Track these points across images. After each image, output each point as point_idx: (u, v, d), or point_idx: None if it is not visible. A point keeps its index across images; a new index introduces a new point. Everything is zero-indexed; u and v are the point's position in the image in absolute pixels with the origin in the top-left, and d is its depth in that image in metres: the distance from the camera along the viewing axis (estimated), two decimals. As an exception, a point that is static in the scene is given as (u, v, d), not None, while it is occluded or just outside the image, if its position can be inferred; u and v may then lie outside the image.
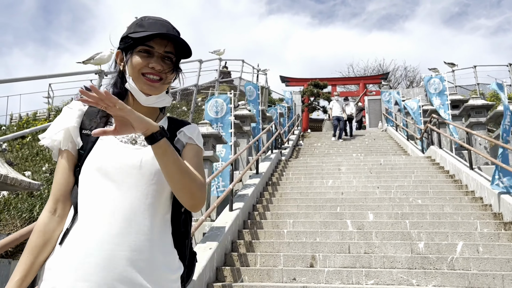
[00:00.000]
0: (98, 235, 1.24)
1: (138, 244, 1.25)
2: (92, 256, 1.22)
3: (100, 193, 1.28)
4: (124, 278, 1.22)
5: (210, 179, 5.69)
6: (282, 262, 5.07)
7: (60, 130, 1.35)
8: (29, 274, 1.26)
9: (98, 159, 1.31)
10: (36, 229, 1.31)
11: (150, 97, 1.36)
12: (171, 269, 1.33)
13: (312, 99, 25.10)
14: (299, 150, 14.21)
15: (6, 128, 14.25)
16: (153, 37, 1.33)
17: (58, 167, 1.37)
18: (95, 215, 1.26)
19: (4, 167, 2.69)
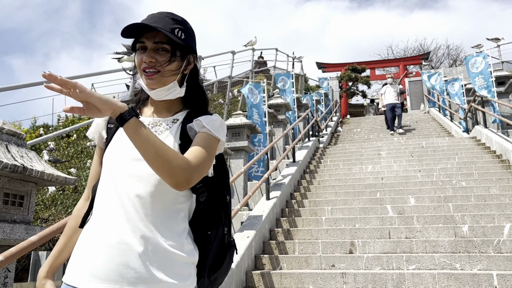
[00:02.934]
0: (102, 225, 1.28)
1: (140, 235, 1.26)
2: (97, 243, 1.26)
3: (105, 181, 1.33)
4: (129, 269, 1.24)
5: (246, 168, 5.70)
6: (321, 249, 5.02)
7: (93, 126, 1.45)
8: (64, 251, 1.42)
9: (111, 151, 1.35)
10: (73, 213, 1.48)
11: (155, 90, 1.36)
12: (177, 256, 1.30)
13: (351, 84, 24.58)
14: (337, 137, 14.00)
15: (54, 128, 14.88)
16: (143, 32, 1.34)
17: (93, 160, 1.50)
18: (98, 204, 1.33)
19: (41, 164, 2.81)
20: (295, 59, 20.02)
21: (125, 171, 1.31)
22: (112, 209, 1.29)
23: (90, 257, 1.26)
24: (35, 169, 2.65)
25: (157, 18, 1.34)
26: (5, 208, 2.64)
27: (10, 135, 2.79)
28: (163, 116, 1.42)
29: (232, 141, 7.32)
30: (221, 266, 1.42)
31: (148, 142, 1.20)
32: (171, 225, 1.32)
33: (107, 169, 1.34)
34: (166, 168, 1.20)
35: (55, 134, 5.49)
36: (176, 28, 1.35)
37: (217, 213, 1.42)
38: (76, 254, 1.30)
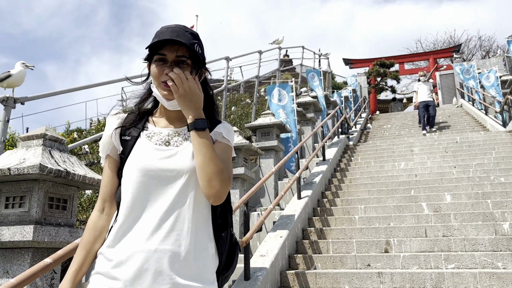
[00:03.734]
0: (133, 233, 1.33)
1: (171, 241, 1.31)
2: (129, 252, 1.30)
3: (136, 193, 1.36)
4: (162, 276, 1.29)
5: (276, 168, 5.70)
6: (355, 248, 4.97)
7: (105, 138, 1.48)
8: (83, 265, 1.40)
9: (135, 161, 1.40)
10: (87, 226, 1.45)
11: (172, 101, 1.41)
12: (207, 262, 1.37)
13: (379, 80, 24.18)
14: (367, 134, 13.81)
15: (87, 132, 15.27)
16: (163, 45, 1.39)
17: (103, 171, 1.50)
18: (130, 215, 1.35)
19: (83, 168, 2.89)
20: (322, 56, 19.85)
21: (156, 180, 1.36)
22: (144, 217, 1.33)
23: (122, 264, 1.30)
24: (77, 174, 2.73)
25: (178, 32, 1.39)
26: (50, 211, 2.74)
27: (53, 141, 2.89)
28: (177, 126, 1.47)
29: (262, 141, 7.33)
30: (232, 263, 1.50)
31: (211, 152, 1.33)
32: (200, 231, 1.38)
33: (133, 179, 1.37)
34: (214, 179, 1.31)
35: (91, 139, 5.64)
36: (195, 43, 1.41)
37: (226, 215, 1.50)
38: (109, 264, 1.33)
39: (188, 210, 1.35)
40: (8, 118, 4.23)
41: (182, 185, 1.35)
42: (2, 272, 2.65)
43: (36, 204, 2.65)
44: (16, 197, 2.71)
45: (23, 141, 2.89)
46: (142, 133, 1.46)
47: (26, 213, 2.65)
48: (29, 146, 2.82)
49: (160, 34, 1.40)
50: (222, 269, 1.47)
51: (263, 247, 4.64)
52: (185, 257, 1.32)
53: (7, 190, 2.75)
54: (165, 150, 1.40)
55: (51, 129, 2.96)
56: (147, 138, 1.44)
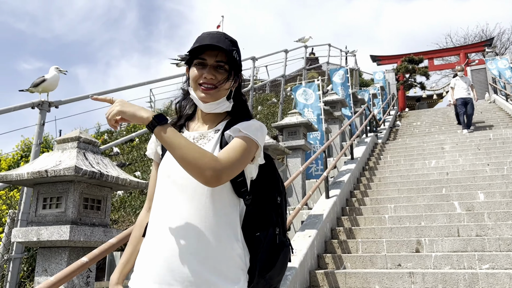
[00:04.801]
0: (158, 231, 1.39)
1: (192, 239, 1.35)
2: (155, 249, 1.37)
3: (161, 193, 1.44)
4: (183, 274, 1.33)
5: (304, 167, 5.69)
6: (385, 248, 4.91)
7: (151, 143, 1.58)
8: (130, 259, 1.53)
9: (163, 165, 1.47)
10: (136, 224, 1.58)
11: (208, 104, 1.46)
12: (229, 261, 1.38)
13: (408, 76, 23.70)
14: (396, 131, 13.57)
15: (117, 133, 15.60)
16: (204, 50, 1.44)
17: (151, 173, 1.61)
18: (156, 216, 1.42)
19: (116, 170, 2.97)
20: (348, 53, 19.64)
21: (174, 181, 1.41)
22: (166, 218, 1.39)
23: (150, 263, 1.37)
24: (110, 175, 2.82)
25: (219, 38, 1.45)
26: (85, 212, 2.83)
27: (87, 143, 2.98)
28: (209, 128, 1.51)
29: (289, 140, 7.33)
30: (275, 265, 1.46)
31: (174, 144, 1.29)
32: (222, 230, 1.39)
33: (160, 181, 1.46)
34: (194, 166, 1.28)
35: (121, 140, 5.79)
36: (234, 50, 1.46)
37: (267, 214, 1.47)
38: (139, 261, 1.43)
39: (209, 210, 1.38)
40: (44, 122, 4.39)
41: (201, 185, 1.36)
42: (41, 270, 2.76)
43: (72, 205, 2.74)
44: (53, 198, 2.82)
45: (58, 144, 3.00)
46: None
47: (63, 214, 2.75)
48: (64, 148, 2.93)
49: (201, 40, 1.45)
50: (261, 270, 1.44)
51: (293, 246, 4.64)
52: (205, 256, 1.34)
53: (44, 191, 2.86)
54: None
55: (84, 131, 3.06)
56: None
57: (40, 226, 2.73)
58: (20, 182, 2.87)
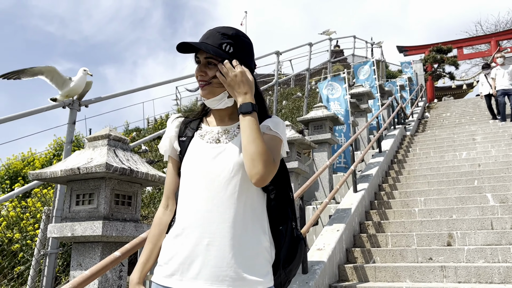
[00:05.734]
0: (187, 227, 1.39)
1: (222, 233, 1.36)
2: (184, 245, 1.38)
3: (188, 188, 1.44)
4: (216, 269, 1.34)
5: (331, 161, 5.64)
6: (416, 241, 4.83)
7: (165, 140, 1.58)
8: (151, 257, 1.51)
9: (189, 160, 1.48)
10: (154, 222, 1.56)
11: (209, 100, 1.49)
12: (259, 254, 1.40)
13: (436, 66, 23.11)
14: (425, 123, 13.29)
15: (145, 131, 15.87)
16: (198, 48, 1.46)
17: (167, 170, 1.60)
18: (183, 208, 1.43)
19: (145, 166, 3.03)
20: (374, 45, 19.30)
21: (204, 176, 1.42)
22: (196, 213, 1.40)
23: (180, 259, 1.37)
24: (140, 171, 2.87)
25: (209, 34, 1.46)
26: (116, 207, 2.90)
27: (116, 141, 3.05)
28: (227, 124, 1.52)
29: (315, 134, 7.28)
30: (295, 258, 1.52)
31: (255, 136, 1.35)
32: (252, 224, 1.41)
33: (187, 176, 1.46)
34: (259, 161, 1.32)
35: (150, 137, 5.88)
36: (224, 43, 1.44)
37: (285, 209, 1.51)
38: (166, 257, 1.41)
39: (239, 204, 1.39)
40: (74, 120, 4.51)
41: (231, 180, 1.40)
42: (76, 264, 2.85)
43: (104, 201, 2.82)
44: (85, 194, 2.90)
45: (89, 142, 3.07)
46: (196, 133, 1.54)
47: (95, 209, 2.83)
48: (95, 146, 3.00)
49: (199, 39, 1.48)
50: (283, 262, 1.49)
51: (320, 240, 4.63)
52: (236, 250, 1.36)
53: (77, 188, 2.95)
54: (215, 148, 1.46)
55: (113, 129, 3.12)
56: (200, 137, 1.52)
57: (74, 222, 2.82)
58: (54, 180, 2.96)
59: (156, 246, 1.51)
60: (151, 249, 1.51)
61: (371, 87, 10.75)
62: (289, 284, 1.57)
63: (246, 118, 1.37)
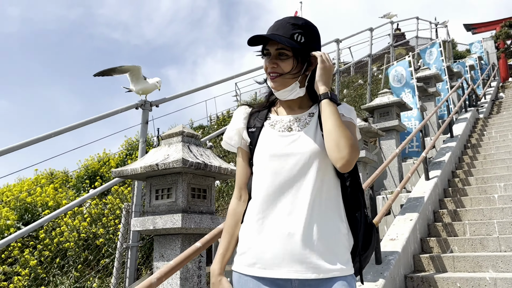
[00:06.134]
0: (265, 215, 1.41)
1: (301, 222, 1.37)
2: (264, 233, 1.40)
3: (263, 178, 1.45)
4: (297, 257, 1.35)
5: (400, 149, 5.46)
6: (497, 230, 4.56)
7: (232, 132, 1.59)
8: (229, 248, 1.54)
9: (262, 150, 1.49)
10: (229, 213, 1.59)
11: (280, 91, 1.49)
12: (339, 242, 1.41)
13: (509, 43, 21.47)
14: (500, 104, 12.43)
15: (208, 128, 16.29)
16: (268, 40, 1.47)
17: (237, 163, 1.62)
18: (259, 198, 1.44)
19: (217, 160, 3.13)
20: (439, 25, 18.31)
21: (282, 165, 1.43)
22: (273, 202, 1.41)
23: (261, 248, 1.39)
24: (213, 165, 2.97)
25: (279, 25, 1.46)
26: (193, 201, 3.03)
27: (189, 137, 3.18)
28: (297, 113, 1.53)
29: (381, 122, 7.07)
30: (370, 244, 1.52)
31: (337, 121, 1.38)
32: (330, 211, 1.42)
33: (262, 166, 1.47)
34: (344, 147, 1.33)
35: (216, 134, 6.05)
36: (296, 33, 1.44)
37: (358, 196, 1.51)
38: (246, 247, 1.44)
39: (316, 192, 1.40)
40: (147, 120, 4.75)
41: (307, 168, 1.41)
42: (159, 256, 3.02)
43: (181, 195, 2.95)
44: (164, 189, 3.05)
45: (164, 139, 3.23)
46: (265, 123, 1.55)
47: (174, 203, 2.97)
48: (170, 143, 3.15)
49: (268, 30, 1.49)
50: (360, 249, 1.50)
51: (392, 230, 4.51)
52: (317, 238, 1.37)
53: (156, 183, 3.11)
54: (288, 136, 1.47)
55: (187, 127, 3.25)
56: (270, 127, 1.53)
57: (155, 215, 2.98)
58: (134, 176, 3.15)
59: (233, 237, 1.55)
60: (228, 240, 1.54)
61: (438, 70, 10.23)
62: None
63: (332, 104, 1.40)
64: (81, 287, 4.58)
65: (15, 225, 5.64)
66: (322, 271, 1.36)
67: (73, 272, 4.78)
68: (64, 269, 4.91)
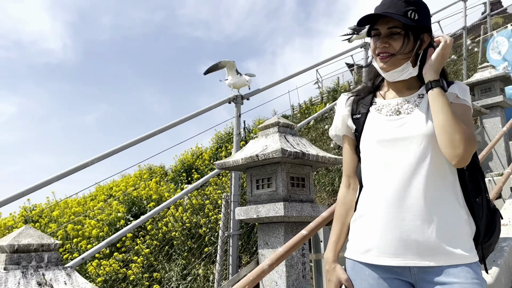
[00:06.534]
0: (380, 203, 1.38)
1: (417, 207, 1.32)
2: (378, 221, 1.37)
3: (374, 164, 1.42)
4: (418, 244, 1.31)
5: (508, 127, 5.00)
6: None
7: (337, 121, 1.59)
8: (341, 236, 1.54)
9: (370, 136, 1.45)
10: (338, 202, 1.59)
11: (389, 72, 1.43)
12: (460, 228, 1.34)
13: None
14: None
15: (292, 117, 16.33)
16: (376, 18, 1.42)
17: (343, 150, 1.61)
18: (373, 184, 1.41)
19: (314, 149, 3.13)
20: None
21: (393, 150, 1.38)
22: (391, 189, 1.36)
23: (377, 235, 1.36)
24: (311, 154, 2.98)
25: (390, 3, 1.40)
26: (292, 189, 3.07)
27: (285, 127, 3.22)
28: (405, 95, 1.46)
29: (482, 98, 6.54)
30: (494, 231, 1.43)
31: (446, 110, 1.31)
32: (447, 197, 1.35)
33: (371, 152, 1.44)
34: (455, 139, 1.27)
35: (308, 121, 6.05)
36: (409, 10, 1.38)
37: (478, 180, 1.42)
38: (360, 234, 1.42)
39: (431, 176, 1.34)
40: (240, 114, 4.89)
41: (420, 152, 1.35)
42: (263, 243, 3.11)
43: (281, 184, 3.01)
44: (264, 179, 3.14)
45: (261, 131, 3.31)
46: (371, 108, 1.51)
47: (274, 192, 3.04)
48: (267, 134, 3.22)
49: (375, 9, 1.44)
50: (483, 237, 1.41)
51: (504, 215, 4.17)
52: (436, 224, 1.31)
53: (256, 173, 3.21)
54: (397, 120, 1.42)
55: (281, 117, 3.30)
56: (377, 111, 1.49)
57: (257, 204, 3.08)
58: (236, 168, 3.27)
59: (344, 225, 1.54)
60: (340, 228, 1.55)
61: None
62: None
63: (443, 95, 1.34)
64: (189, 274, 4.88)
65: (124, 217, 6.16)
66: (443, 258, 1.31)
67: (179, 259, 5.12)
68: (173, 256, 5.28)
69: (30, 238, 1.76)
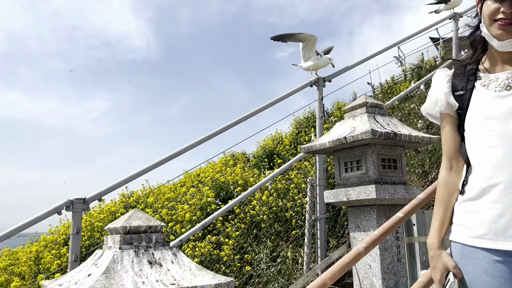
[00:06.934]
0: (494, 184, 1.28)
1: None
2: (493, 203, 1.27)
3: (486, 144, 1.32)
4: None
5: None
6: None
7: (435, 98, 1.49)
8: (445, 221, 1.46)
9: (477, 114, 1.35)
10: (439, 185, 1.50)
11: (504, 41, 1.30)
12: None
13: None
14: None
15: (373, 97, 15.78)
16: None
17: (443, 130, 1.50)
18: (486, 165, 1.31)
19: (405, 128, 3.00)
20: None
21: (505, 127, 1.28)
22: (504, 170, 1.27)
23: (491, 219, 1.28)
24: (403, 134, 2.87)
25: None
26: (384, 171, 2.98)
27: (373, 107, 3.12)
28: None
29: None
30: None
31: None
32: None
33: (480, 131, 1.34)
34: None
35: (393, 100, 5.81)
36: None
37: None
38: (471, 217, 1.34)
39: None
40: (322, 96, 4.83)
41: None
42: (354, 226, 3.07)
43: (372, 166, 2.93)
44: (352, 161, 3.08)
45: (347, 113, 3.24)
46: (476, 83, 1.40)
47: (364, 175, 2.97)
48: (354, 115, 3.14)
49: None
50: None
51: None
52: None
53: (343, 156, 3.16)
54: (508, 96, 1.31)
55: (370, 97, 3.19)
56: (483, 87, 1.38)
57: (347, 187, 3.03)
58: (323, 151, 3.25)
59: (447, 209, 1.46)
60: (443, 212, 1.47)
61: None
62: None
63: None
64: (278, 256, 4.99)
65: (214, 201, 6.43)
66: None
67: (268, 242, 5.24)
68: (260, 239, 5.42)
69: (139, 220, 1.91)
